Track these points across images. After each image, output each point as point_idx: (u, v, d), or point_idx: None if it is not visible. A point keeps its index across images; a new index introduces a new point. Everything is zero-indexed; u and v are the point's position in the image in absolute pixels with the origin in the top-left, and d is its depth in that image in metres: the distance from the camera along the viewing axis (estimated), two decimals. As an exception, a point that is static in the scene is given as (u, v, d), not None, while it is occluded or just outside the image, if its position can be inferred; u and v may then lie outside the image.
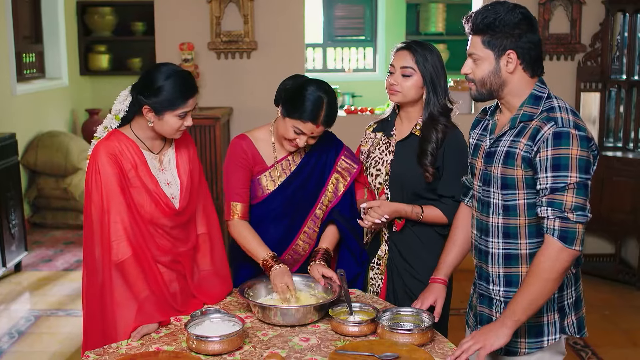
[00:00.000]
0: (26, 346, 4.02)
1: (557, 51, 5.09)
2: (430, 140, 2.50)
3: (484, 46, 2.06)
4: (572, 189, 1.95)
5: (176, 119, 2.30)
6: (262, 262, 2.47)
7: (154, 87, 2.27)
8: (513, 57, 2.04)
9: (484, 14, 2.05)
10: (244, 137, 2.59)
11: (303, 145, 2.47)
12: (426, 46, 2.55)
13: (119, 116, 2.41)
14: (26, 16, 6.78)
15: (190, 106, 2.31)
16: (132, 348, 2.13)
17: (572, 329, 2.16)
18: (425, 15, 8.15)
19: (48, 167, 6.30)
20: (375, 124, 2.73)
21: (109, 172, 2.26)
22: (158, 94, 2.26)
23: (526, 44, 2.04)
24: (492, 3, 2.10)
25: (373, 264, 2.68)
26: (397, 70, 2.53)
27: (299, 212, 2.62)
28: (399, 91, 2.53)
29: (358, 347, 2.06)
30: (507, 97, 2.11)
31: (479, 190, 2.21)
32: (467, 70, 2.12)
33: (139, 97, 2.30)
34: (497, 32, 2.03)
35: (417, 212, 2.54)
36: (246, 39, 5.00)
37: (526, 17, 2.05)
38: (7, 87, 6.01)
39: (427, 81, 2.51)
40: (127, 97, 2.39)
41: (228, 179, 2.57)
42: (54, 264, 5.48)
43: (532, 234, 2.09)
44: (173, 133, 2.35)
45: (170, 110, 2.28)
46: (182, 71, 2.34)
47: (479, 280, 2.25)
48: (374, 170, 2.63)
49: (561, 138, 1.96)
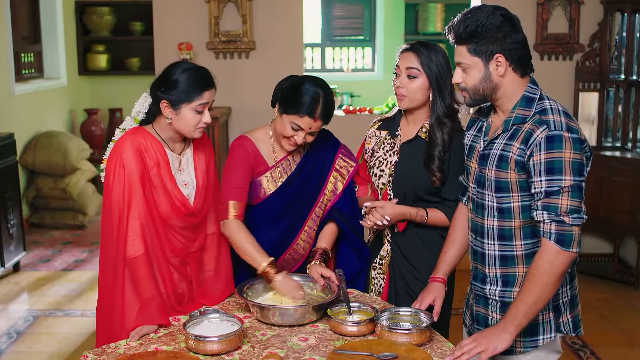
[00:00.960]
0: (24, 346, 4.02)
1: (555, 51, 5.09)
2: (437, 143, 2.49)
3: (471, 54, 2.06)
4: (567, 192, 1.95)
5: (193, 113, 2.30)
6: (262, 271, 2.42)
7: (171, 81, 2.29)
8: (502, 60, 2.04)
9: (465, 22, 2.05)
10: (245, 138, 2.59)
11: (301, 142, 2.46)
12: (431, 47, 2.54)
13: (138, 118, 2.40)
14: (25, 16, 6.77)
15: (207, 99, 2.32)
16: (130, 348, 2.12)
17: (567, 328, 2.17)
18: (423, 15, 8.17)
19: (46, 167, 6.29)
20: (380, 121, 2.72)
21: (133, 166, 2.26)
22: (175, 87, 2.29)
23: (512, 44, 2.03)
24: (470, 10, 2.09)
25: (375, 263, 2.68)
26: (403, 72, 2.51)
27: (299, 211, 2.62)
28: (406, 95, 2.51)
29: (356, 347, 2.06)
30: (500, 99, 2.11)
31: (473, 192, 2.21)
32: (458, 79, 2.12)
33: (157, 93, 2.32)
34: (481, 38, 2.03)
35: (422, 215, 2.53)
36: (245, 39, 5.00)
37: (507, 18, 2.04)
38: (6, 87, 6.01)
39: (433, 82, 2.48)
40: (146, 98, 2.39)
41: (227, 177, 2.55)
42: (52, 264, 5.48)
43: (527, 235, 2.09)
44: (192, 130, 2.34)
45: (186, 102, 2.29)
46: (199, 66, 2.37)
47: (474, 281, 2.25)
48: (378, 171, 2.62)
49: (554, 142, 1.96)
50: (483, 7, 2.06)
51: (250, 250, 2.45)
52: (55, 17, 7.13)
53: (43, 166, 6.29)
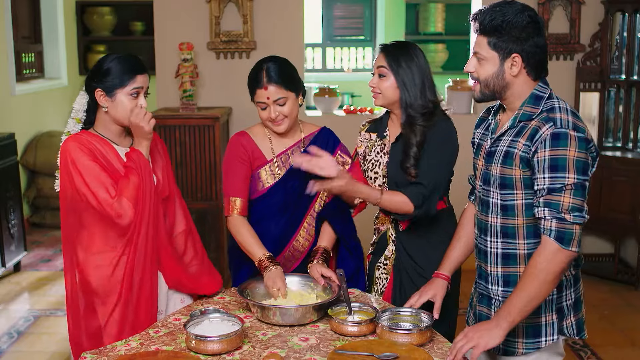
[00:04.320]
0: (25, 346, 4.02)
1: (556, 51, 5.08)
2: (412, 144, 2.50)
3: (490, 47, 2.05)
4: (570, 190, 1.95)
5: (128, 98, 2.33)
6: (258, 262, 2.48)
7: (103, 70, 2.33)
8: (518, 61, 2.03)
9: (492, 15, 2.03)
10: (243, 134, 2.64)
11: (275, 115, 2.51)
12: (402, 47, 2.57)
13: (79, 117, 2.43)
14: (25, 16, 6.78)
15: (140, 83, 2.34)
16: (131, 349, 2.12)
17: (571, 331, 2.16)
18: (424, 15, 8.15)
19: (47, 167, 6.29)
20: (368, 123, 2.74)
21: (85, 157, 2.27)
22: (107, 74, 2.32)
23: (532, 48, 2.02)
24: (500, 3, 2.07)
25: (379, 263, 2.68)
26: (375, 72, 2.57)
27: (298, 207, 2.63)
28: (379, 93, 2.55)
29: (357, 347, 2.06)
30: (509, 98, 2.10)
31: (479, 189, 2.21)
32: (471, 68, 2.11)
33: (91, 84, 2.35)
34: (503, 34, 2.02)
35: (376, 196, 2.45)
36: (245, 39, 5.00)
37: (534, 21, 2.03)
38: (7, 87, 6.01)
39: (399, 82, 2.52)
40: (83, 96, 2.43)
41: (227, 174, 2.59)
42: (53, 264, 5.48)
43: (530, 234, 2.09)
44: (129, 115, 2.34)
45: (120, 87, 2.32)
46: (129, 54, 2.41)
47: (479, 279, 2.25)
48: (372, 174, 2.63)
49: (559, 139, 1.96)
50: (513, 3, 2.04)
51: (251, 244, 2.51)
52: (56, 17, 7.14)
53: (44, 166, 6.29)
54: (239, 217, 2.56)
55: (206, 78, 5.07)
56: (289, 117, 2.53)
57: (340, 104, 5.56)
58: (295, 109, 2.55)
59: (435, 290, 2.35)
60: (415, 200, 2.45)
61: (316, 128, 2.69)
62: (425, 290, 2.36)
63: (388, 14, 8.34)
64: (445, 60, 8.08)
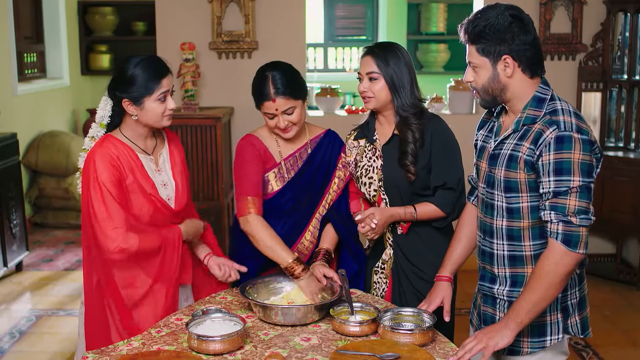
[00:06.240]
0: (27, 346, 4.02)
1: (558, 51, 5.08)
2: (409, 141, 2.51)
3: (480, 54, 2.06)
4: (575, 192, 1.95)
5: (157, 103, 2.31)
6: (286, 267, 2.44)
7: (127, 78, 2.29)
8: (510, 62, 2.03)
9: (475, 22, 2.05)
10: (252, 136, 2.62)
11: (284, 125, 2.50)
12: (389, 48, 2.56)
13: (104, 123, 2.42)
14: (27, 16, 6.78)
15: (166, 86, 2.33)
16: (133, 349, 2.12)
17: (575, 329, 2.16)
18: (426, 15, 8.14)
19: (49, 167, 6.30)
20: (354, 131, 2.73)
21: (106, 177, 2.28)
22: (132, 83, 2.29)
23: (520, 46, 2.02)
24: (483, 9, 2.08)
25: (377, 268, 2.68)
26: (365, 76, 2.56)
27: (305, 209, 2.63)
28: (372, 96, 2.55)
29: (359, 347, 2.06)
30: (511, 100, 2.10)
31: (483, 192, 2.21)
32: (470, 78, 2.12)
33: (116, 93, 2.32)
34: (489, 39, 2.02)
35: (411, 212, 2.54)
36: (247, 39, 5.00)
37: (516, 19, 2.03)
38: (9, 86, 6.02)
39: (389, 84, 2.52)
40: (107, 101, 2.40)
41: (241, 175, 2.55)
42: (55, 264, 5.49)
43: (536, 235, 2.09)
44: (160, 120, 2.34)
45: (147, 95, 2.30)
46: (150, 56, 2.38)
47: (482, 281, 2.25)
48: (366, 179, 2.62)
49: (563, 142, 1.96)
50: (494, 7, 2.05)
51: (273, 246, 2.47)
52: (58, 17, 7.14)
53: (45, 166, 6.30)
54: (257, 216, 2.50)
55: (208, 78, 5.07)
56: (297, 124, 2.53)
57: (342, 104, 5.56)
58: (303, 115, 2.54)
59: (442, 294, 2.35)
60: (444, 205, 2.52)
61: (322, 130, 2.69)
62: (432, 297, 2.36)
63: (390, 14, 8.34)
64: (447, 60, 8.08)
